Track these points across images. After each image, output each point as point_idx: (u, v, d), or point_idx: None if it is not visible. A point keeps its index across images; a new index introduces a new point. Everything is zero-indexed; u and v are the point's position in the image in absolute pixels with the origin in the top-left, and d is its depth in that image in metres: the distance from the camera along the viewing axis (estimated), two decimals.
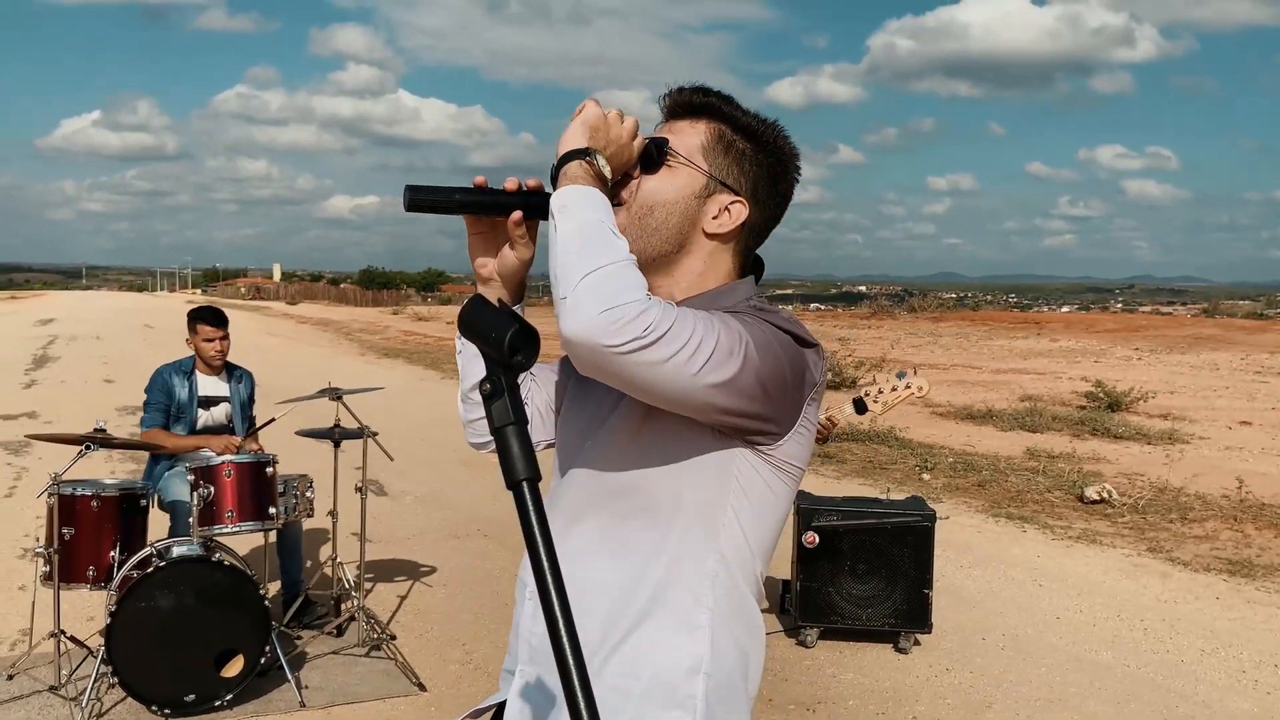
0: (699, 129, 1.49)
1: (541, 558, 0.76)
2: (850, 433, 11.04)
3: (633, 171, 1.45)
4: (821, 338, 10.85)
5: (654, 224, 1.46)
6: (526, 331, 0.83)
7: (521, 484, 0.79)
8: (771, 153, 1.51)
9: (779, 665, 4.69)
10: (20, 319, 37.08)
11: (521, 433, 0.80)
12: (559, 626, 0.74)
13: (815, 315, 39.99)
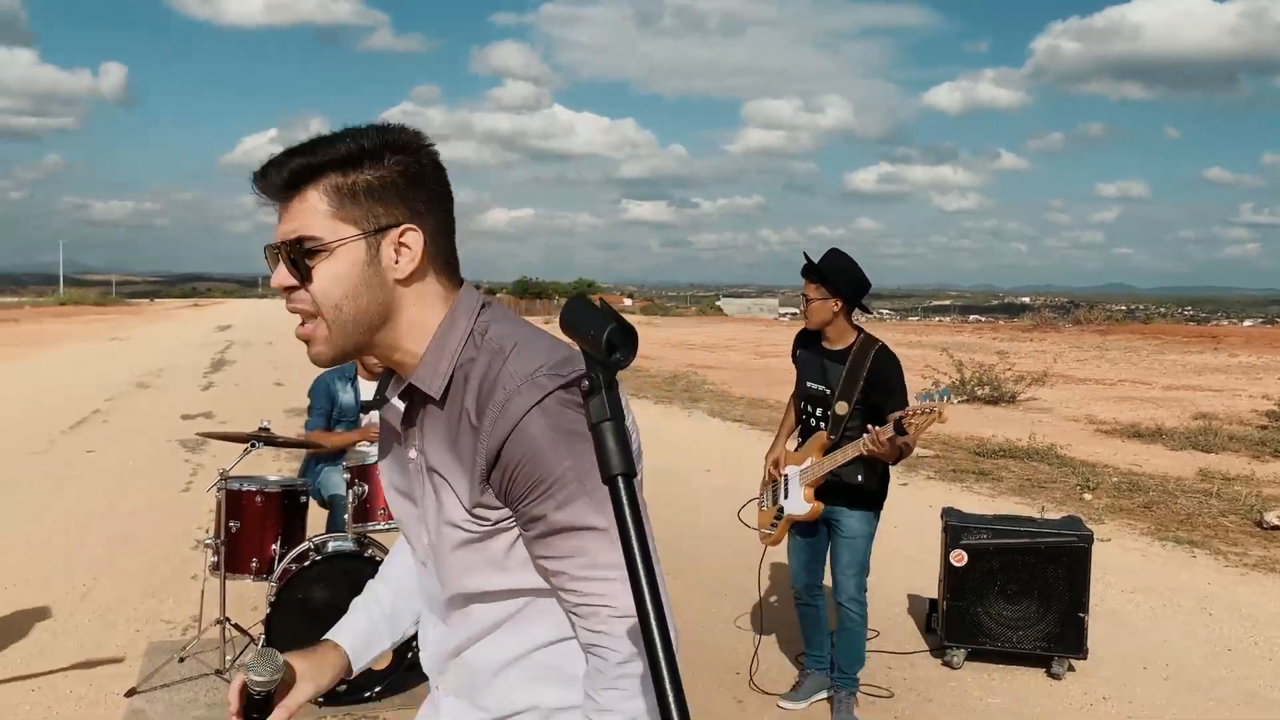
0: (313, 197, 1.30)
1: (634, 551, 0.76)
2: (1008, 449, 10.66)
3: (291, 285, 1.32)
4: (979, 350, 10.62)
5: (350, 316, 1.32)
6: (624, 329, 0.83)
7: (616, 479, 0.79)
8: (389, 158, 1.31)
9: (923, 685, 4.55)
10: (202, 325, 39.66)
11: (618, 429, 0.81)
12: (650, 624, 0.74)
13: (974, 327, 38.80)
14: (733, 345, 30.14)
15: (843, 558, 4.16)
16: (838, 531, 4.16)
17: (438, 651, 1.49)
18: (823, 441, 4.11)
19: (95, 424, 11.80)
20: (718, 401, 15.24)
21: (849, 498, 4.13)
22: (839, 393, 4.08)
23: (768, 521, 4.36)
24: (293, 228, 1.30)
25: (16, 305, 59.28)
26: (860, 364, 4.07)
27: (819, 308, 4.09)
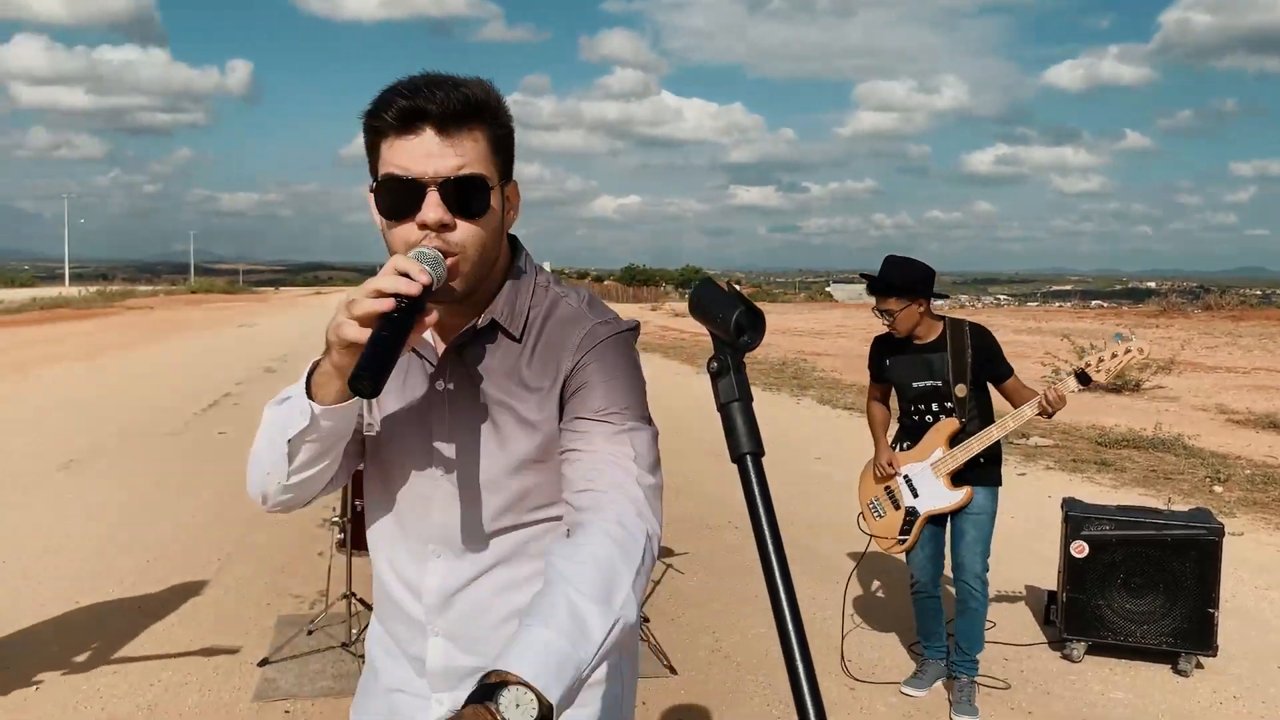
0: (481, 137, 1.32)
1: (764, 530, 0.78)
2: (1131, 439, 10.30)
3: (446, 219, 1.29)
4: (1102, 337, 10.29)
5: (487, 260, 1.36)
6: (752, 312, 0.85)
7: (746, 457, 0.82)
8: (510, 117, 1.39)
9: (1040, 678, 4.46)
10: (324, 312, 40.90)
11: (746, 409, 0.83)
12: (784, 607, 0.76)
13: (1096, 313, 37.46)
14: (843, 331, 29.76)
15: (968, 534, 4.10)
16: (963, 509, 4.12)
17: (442, 588, 1.46)
18: (952, 429, 4.09)
19: (226, 407, 12.35)
20: (827, 389, 15.09)
21: (973, 474, 4.10)
22: (954, 377, 4.05)
23: (895, 528, 4.26)
24: (461, 164, 1.29)
25: (151, 293, 62.26)
26: (961, 345, 4.06)
27: (906, 316, 4.07)
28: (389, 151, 1.31)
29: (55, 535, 6.40)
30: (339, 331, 1.19)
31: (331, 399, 1.26)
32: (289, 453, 1.31)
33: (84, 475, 8.28)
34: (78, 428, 10.52)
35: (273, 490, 1.38)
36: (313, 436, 1.30)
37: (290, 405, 1.31)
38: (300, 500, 1.42)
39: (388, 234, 1.34)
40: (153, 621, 4.90)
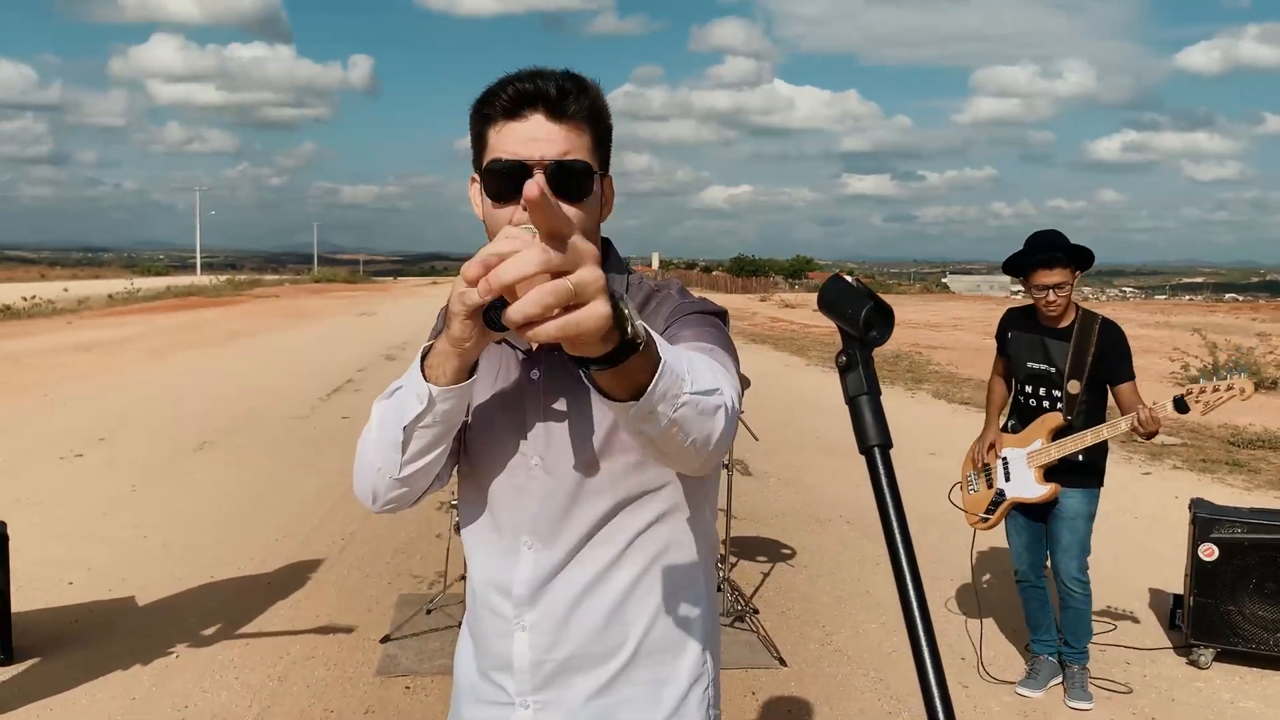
0: (588, 131, 1.38)
1: (893, 522, 0.79)
2: (1268, 439, 9.84)
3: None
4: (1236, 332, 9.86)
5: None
6: (881, 308, 0.87)
7: (874, 449, 0.83)
8: (610, 115, 1.42)
9: (1165, 684, 4.32)
10: (440, 302, 41.78)
11: (874, 403, 0.84)
12: (910, 594, 0.77)
13: (1230, 306, 35.76)
14: (960, 324, 29.11)
15: (1063, 539, 4.04)
16: (1058, 513, 4.06)
17: (532, 579, 1.44)
18: (1055, 423, 4.01)
19: (349, 392, 12.79)
20: (943, 383, 14.80)
21: (1070, 476, 4.01)
22: (1069, 371, 3.95)
23: (982, 505, 4.28)
24: (567, 149, 1.34)
25: (277, 283, 64.68)
26: (1087, 339, 3.95)
27: (1065, 307, 3.97)
28: (496, 137, 1.36)
29: (191, 512, 6.75)
30: (464, 298, 1.17)
31: (448, 379, 1.26)
32: (403, 440, 1.31)
33: (217, 456, 8.69)
34: (211, 410, 11.04)
35: (384, 486, 1.38)
36: (428, 421, 1.29)
37: (402, 394, 1.31)
38: (410, 497, 1.41)
39: (490, 219, 1.38)
40: (281, 597, 5.13)
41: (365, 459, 1.39)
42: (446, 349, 1.24)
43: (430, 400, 1.27)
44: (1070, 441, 3.95)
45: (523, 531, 1.45)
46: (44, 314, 26.17)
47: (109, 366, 14.93)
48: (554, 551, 1.44)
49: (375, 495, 1.40)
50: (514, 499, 1.45)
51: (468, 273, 1.15)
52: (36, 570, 5.39)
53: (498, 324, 1.15)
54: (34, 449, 8.68)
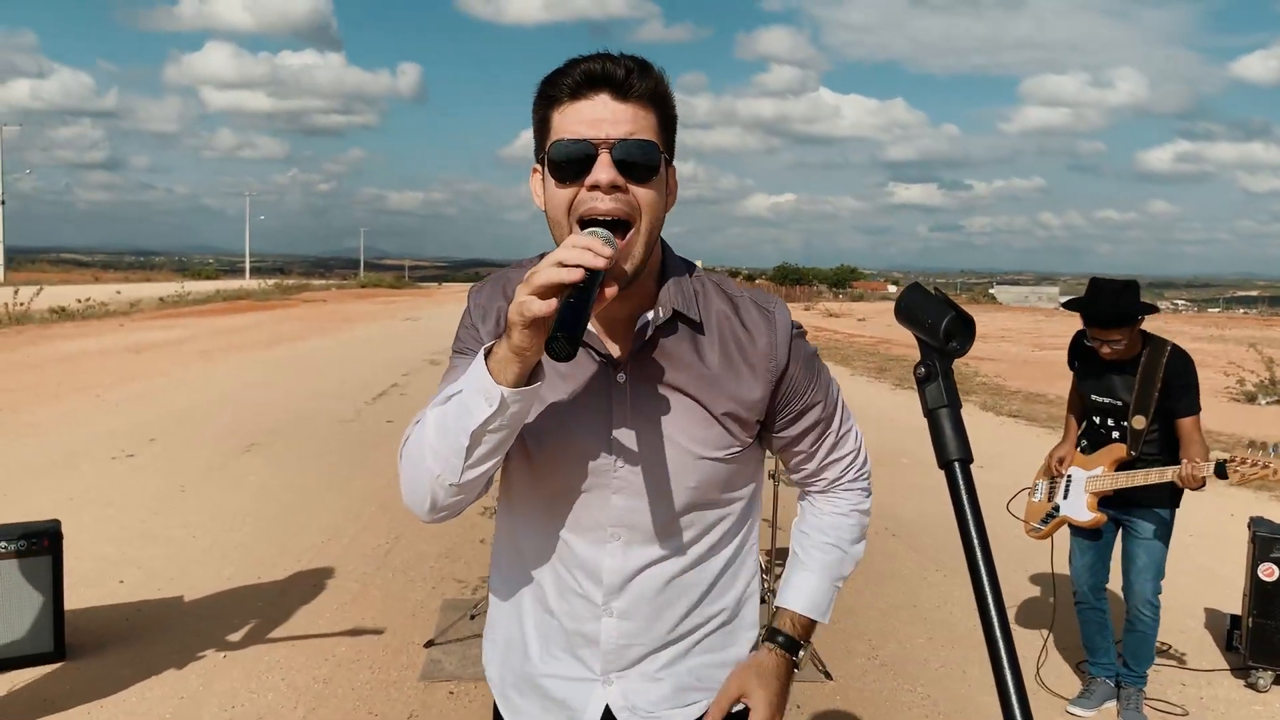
0: (655, 115, 1.37)
1: (973, 537, 0.77)
2: None
3: (618, 182, 1.31)
4: None
5: (654, 236, 1.39)
6: (962, 318, 0.84)
7: (954, 464, 0.81)
8: (675, 103, 1.42)
9: (1222, 706, 4.21)
10: None
11: (954, 415, 0.82)
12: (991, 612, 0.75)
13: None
14: (1007, 335, 28.76)
15: (1139, 560, 3.94)
16: (1133, 533, 3.96)
17: (622, 568, 1.50)
18: (1119, 455, 3.93)
19: (394, 396, 12.88)
20: (991, 395, 14.61)
21: (1147, 496, 3.91)
22: (1135, 405, 3.86)
23: (1039, 516, 4.27)
24: (634, 129, 1.33)
25: (324, 288, 65.41)
26: (1153, 371, 3.84)
27: (1130, 344, 3.88)
28: (561, 118, 1.34)
29: (240, 513, 6.82)
30: (524, 309, 1.18)
31: (512, 383, 1.25)
32: (470, 445, 1.29)
33: (265, 457, 8.79)
34: (259, 412, 11.17)
35: (442, 494, 1.36)
36: (497, 424, 1.28)
37: (465, 399, 1.29)
38: (466, 504, 1.41)
39: (551, 201, 1.37)
40: (326, 599, 5.16)
41: (422, 466, 1.36)
42: (508, 354, 1.24)
43: (502, 402, 1.25)
44: (1125, 476, 3.89)
45: (609, 524, 1.49)
46: (97, 316, 26.66)
47: (160, 368, 15.17)
48: (644, 547, 1.50)
49: (433, 503, 1.38)
50: (596, 499, 1.48)
51: (534, 282, 1.19)
52: (89, 568, 5.48)
53: (562, 355, 1.14)
54: (87, 449, 8.83)
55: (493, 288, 1.53)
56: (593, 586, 1.51)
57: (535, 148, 1.42)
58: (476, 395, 1.27)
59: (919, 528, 6.82)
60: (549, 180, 1.37)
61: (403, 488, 1.41)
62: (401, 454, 1.41)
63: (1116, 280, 3.92)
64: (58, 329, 22.03)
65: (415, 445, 1.37)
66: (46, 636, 4.23)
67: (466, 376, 1.30)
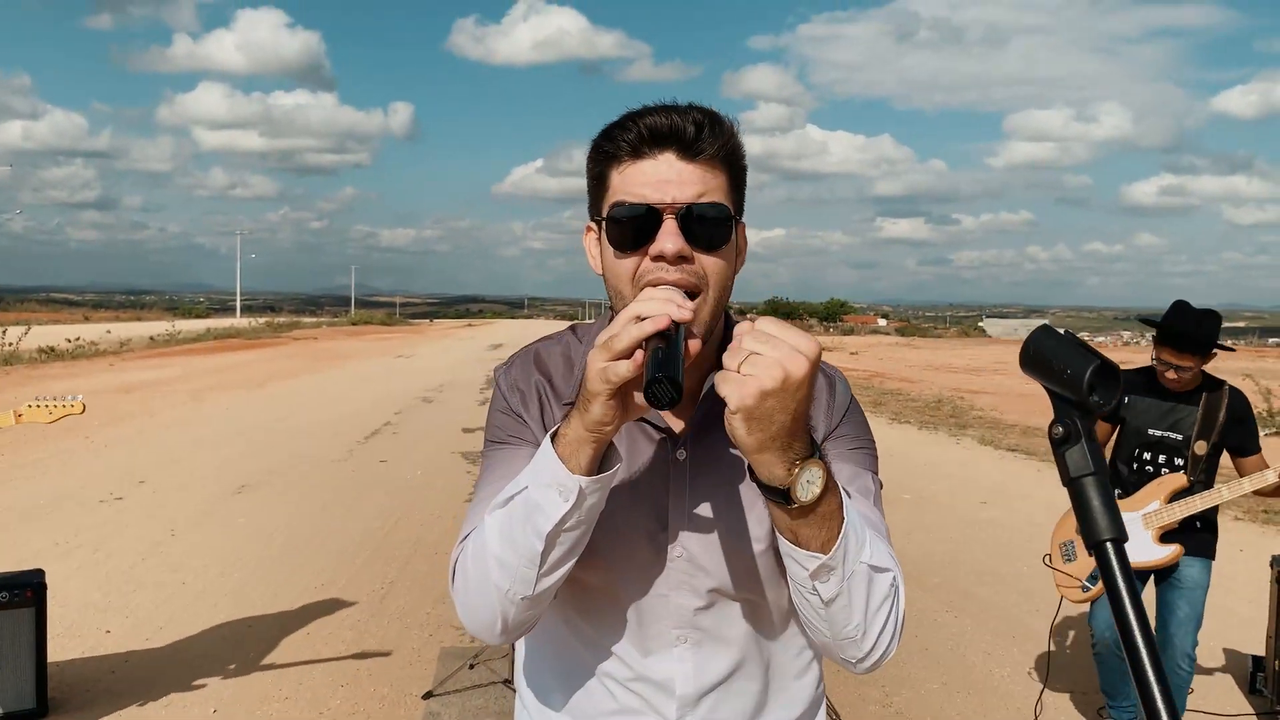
0: (724, 173, 1.22)
1: (1131, 623, 0.65)
2: None
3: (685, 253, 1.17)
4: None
5: (723, 301, 1.25)
6: (1107, 367, 0.72)
7: (1105, 544, 0.68)
8: (745, 154, 1.27)
9: None
10: (476, 344, 42.13)
11: (1102, 485, 0.70)
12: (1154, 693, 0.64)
13: (1279, 352, 35.01)
14: (1000, 368, 28.69)
15: (1180, 611, 3.77)
16: (1175, 582, 3.79)
17: (697, 674, 1.31)
18: (1177, 485, 3.75)
19: (387, 435, 12.71)
20: (988, 429, 14.50)
21: (1191, 542, 3.75)
22: (1198, 434, 3.73)
23: (1083, 574, 3.94)
24: (703, 190, 1.19)
25: (316, 325, 65.27)
26: (1216, 405, 3.73)
27: (1193, 378, 3.77)
28: (620, 178, 1.21)
29: (230, 557, 6.65)
30: (609, 374, 1.04)
31: (587, 470, 1.10)
32: (544, 550, 1.13)
33: (256, 499, 8.61)
34: (250, 453, 10.99)
35: (514, 611, 1.18)
36: (574, 522, 1.12)
37: (532, 495, 1.13)
38: (539, 616, 1.23)
39: (611, 271, 1.23)
40: (321, 648, 4.99)
41: (487, 584, 1.18)
42: (582, 434, 1.09)
43: (580, 494, 1.10)
44: (1201, 499, 3.70)
45: (673, 627, 1.31)
46: (87, 355, 26.46)
47: (149, 408, 14.98)
48: (718, 649, 1.32)
49: (504, 624, 1.20)
50: (655, 591, 1.30)
51: (615, 346, 1.04)
52: (75, 617, 5.30)
53: (666, 399, 1.00)
54: (74, 492, 8.64)
55: (524, 364, 1.37)
56: (664, 701, 1.32)
57: (590, 205, 1.29)
58: (548, 490, 1.11)
59: (925, 567, 6.67)
60: (606, 246, 1.23)
61: (463, 612, 1.24)
62: (454, 574, 1.24)
63: (1200, 308, 3.81)
64: (46, 369, 21.82)
65: (475, 561, 1.20)
66: (29, 692, 4.05)
67: (531, 470, 1.14)
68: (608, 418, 1.07)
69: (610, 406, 1.06)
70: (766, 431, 1.00)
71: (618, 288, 1.22)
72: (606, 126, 1.23)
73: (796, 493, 1.03)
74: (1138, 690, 0.65)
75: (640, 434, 1.29)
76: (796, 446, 1.03)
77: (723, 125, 1.22)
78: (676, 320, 1.05)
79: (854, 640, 1.16)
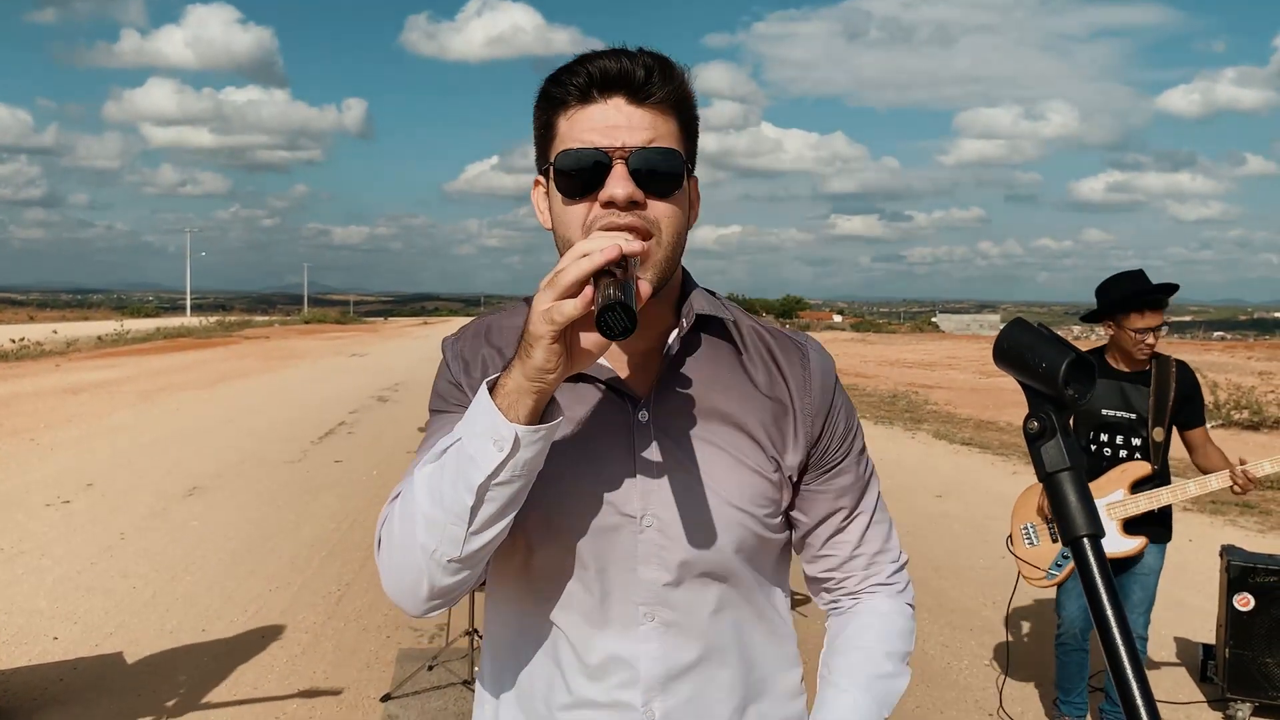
0: (674, 121, 1.18)
1: (1109, 619, 0.64)
2: (1278, 481, 9.69)
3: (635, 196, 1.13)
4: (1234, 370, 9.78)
5: (677, 253, 1.19)
6: (1082, 361, 0.71)
7: (1083, 541, 0.68)
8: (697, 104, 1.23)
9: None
10: (432, 342, 41.79)
11: (1079, 479, 0.69)
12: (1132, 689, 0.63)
13: (1224, 345, 35.80)
14: (954, 363, 29.03)
15: (1133, 595, 3.83)
16: (1131, 568, 3.84)
17: (661, 658, 1.22)
18: (1141, 473, 3.78)
19: (342, 435, 12.57)
20: (942, 423, 14.66)
21: (1148, 529, 3.80)
22: (1153, 418, 3.76)
23: (1046, 560, 3.95)
24: (653, 136, 1.15)
25: (267, 324, 64.46)
26: (1166, 383, 3.75)
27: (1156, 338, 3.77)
28: (568, 124, 1.17)
29: (182, 561, 6.53)
30: (554, 314, 0.98)
31: (526, 419, 1.03)
32: (473, 504, 1.05)
33: (208, 502, 8.47)
34: (201, 455, 10.82)
35: (439, 573, 1.11)
36: (508, 474, 1.04)
37: (465, 446, 1.05)
38: (468, 583, 1.15)
39: (560, 220, 1.18)
40: (276, 652, 4.91)
41: (412, 542, 1.11)
42: (522, 384, 1.02)
43: (515, 444, 1.03)
44: (1168, 493, 3.73)
45: (640, 603, 1.22)
46: (32, 356, 25.91)
47: (97, 410, 14.69)
48: (688, 631, 1.23)
49: (430, 588, 1.13)
50: (621, 565, 1.21)
51: (561, 282, 0.99)
52: (21, 624, 5.18)
53: (619, 328, 0.94)
54: (20, 496, 8.44)
55: (474, 336, 1.30)
56: (626, 686, 1.22)
57: (537, 157, 1.23)
58: (481, 440, 1.04)
59: None
60: (555, 195, 1.19)
61: (385, 576, 1.17)
62: (380, 535, 1.16)
63: (1136, 270, 3.84)
64: None
65: (401, 519, 1.12)
66: None
67: (466, 420, 1.07)
68: (551, 364, 1.01)
69: (554, 351, 1.00)
70: None
71: (567, 237, 1.17)
72: (554, 72, 1.19)
73: None
74: (1116, 687, 0.65)
75: (600, 396, 1.23)
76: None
77: (673, 70, 1.18)
78: (626, 254, 1.00)
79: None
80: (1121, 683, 0.64)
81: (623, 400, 1.22)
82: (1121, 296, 3.74)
